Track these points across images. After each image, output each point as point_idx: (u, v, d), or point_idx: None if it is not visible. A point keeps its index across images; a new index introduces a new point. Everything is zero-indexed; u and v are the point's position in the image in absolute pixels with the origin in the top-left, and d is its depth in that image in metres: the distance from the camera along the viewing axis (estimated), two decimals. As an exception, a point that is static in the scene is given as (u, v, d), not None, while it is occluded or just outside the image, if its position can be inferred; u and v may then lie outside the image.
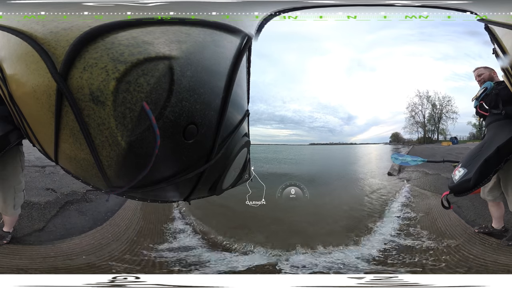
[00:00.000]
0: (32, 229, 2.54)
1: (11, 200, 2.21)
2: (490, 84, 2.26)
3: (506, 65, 1.65)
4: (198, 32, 0.97)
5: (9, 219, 2.27)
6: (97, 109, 0.82)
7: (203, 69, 0.95)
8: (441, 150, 9.57)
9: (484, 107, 2.25)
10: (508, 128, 2.00)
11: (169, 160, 1.00)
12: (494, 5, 1.56)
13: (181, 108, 0.91)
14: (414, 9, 1.66)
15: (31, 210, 2.73)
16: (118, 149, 0.87)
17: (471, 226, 2.68)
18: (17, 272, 1.94)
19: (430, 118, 15.22)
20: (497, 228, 2.44)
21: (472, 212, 2.93)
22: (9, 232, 2.30)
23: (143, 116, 0.84)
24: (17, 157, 2.18)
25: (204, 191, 1.44)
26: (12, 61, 0.98)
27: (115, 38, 0.82)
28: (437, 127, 15.07)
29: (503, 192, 2.26)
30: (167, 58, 0.85)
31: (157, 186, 1.05)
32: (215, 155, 1.18)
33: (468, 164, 1.98)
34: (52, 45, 0.84)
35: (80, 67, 0.81)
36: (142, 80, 0.82)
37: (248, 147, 1.75)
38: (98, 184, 1.06)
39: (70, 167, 1.10)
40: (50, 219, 2.73)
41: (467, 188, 1.92)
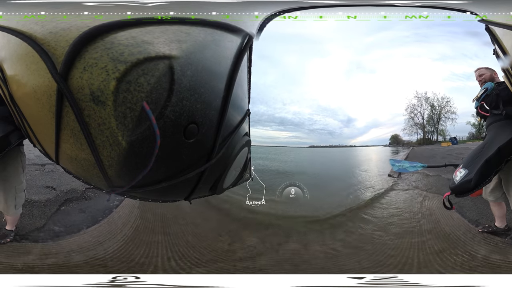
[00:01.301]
0: (34, 227, 2.56)
1: (12, 200, 2.22)
2: (490, 84, 2.26)
3: (507, 66, 1.65)
4: (198, 31, 0.97)
5: (11, 218, 2.30)
6: (98, 109, 0.82)
7: (203, 68, 0.95)
8: (441, 151, 9.56)
9: (484, 108, 2.25)
10: (509, 129, 2.00)
11: (169, 160, 1.00)
12: (494, 5, 1.56)
13: (182, 108, 0.91)
14: (414, 9, 1.66)
15: (31, 208, 2.75)
16: (119, 149, 0.87)
17: (474, 226, 2.68)
18: (22, 270, 1.95)
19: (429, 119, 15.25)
20: (500, 227, 2.45)
21: (474, 212, 2.93)
22: (12, 231, 2.32)
23: (143, 116, 0.84)
24: (18, 157, 2.19)
25: (205, 190, 1.44)
26: (13, 61, 0.98)
27: (114, 38, 0.82)
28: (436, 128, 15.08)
29: (505, 193, 2.26)
30: (167, 58, 0.85)
31: (158, 185, 1.05)
32: (216, 155, 1.18)
33: (469, 165, 1.99)
34: (52, 45, 0.84)
35: (80, 67, 0.81)
36: (143, 80, 0.82)
37: (248, 147, 1.75)
38: (99, 184, 1.06)
39: (71, 167, 1.10)
40: (50, 216, 2.75)
41: (468, 188, 1.93)
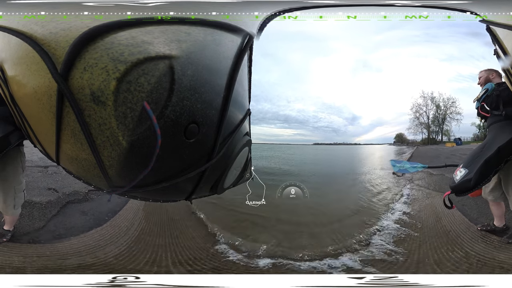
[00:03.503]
0: (32, 228, 2.56)
1: (11, 201, 2.22)
2: (491, 85, 2.27)
3: (507, 66, 1.66)
4: (198, 31, 0.96)
5: (10, 218, 2.30)
6: (98, 109, 0.82)
7: (204, 68, 0.95)
8: (445, 151, 9.58)
9: (485, 109, 2.27)
10: (509, 129, 2.02)
11: (170, 160, 0.99)
12: (494, 5, 1.56)
13: (182, 107, 0.91)
14: (414, 9, 1.66)
15: (32, 209, 2.74)
16: (120, 149, 0.87)
17: (474, 224, 2.70)
18: (14, 271, 1.95)
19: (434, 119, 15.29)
20: (498, 226, 2.48)
21: (475, 210, 2.93)
22: (9, 231, 2.33)
23: (144, 116, 0.84)
24: (17, 158, 2.19)
25: (206, 190, 1.44)
26: (13, 62, 0.98)
27: (114, 38, 0.81)
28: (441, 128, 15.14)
29: (504, 192, 2.27)
30: (167, 58, 0.85)
31: (158, 185, 1.05)
32: (217, 154, 1.18)
33: (469, 165, 2.01)
34: (52, 45, 0.84)
35: (80, 67, 0.81)
36: (143, 80, 0.82)
37: (249, 146, 1.75)
38: (99, 184, 1.06)
39: (71, 168, 1.10)
40: (50, 218, 2.74)
41: (468, 188, 1.95)
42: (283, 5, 1.44)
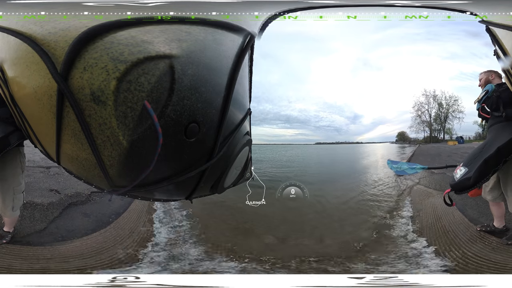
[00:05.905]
0: (33, 230, 2.53)
1: (10, 202, 2.20)
2: (491, 86, 2.29)
3: (507, 67, 1.66)
4: (198, 30, 0.96)
5: (9, 220, 2.28)
6: (98, 109, 0.82)
7: (204, 67, 0.95)
8: (447, 150, 9.56)
9: (485, 110, 2.28)
10: (509, 130, 2.04)
11: (170, 159, 0.99)
12: (493, 5, 1.56)
13: (183, 107, 0.91)
14: (414, 9, 1.66)
15: (33, 211, 2.71)
16: (120, 149, 0.87)
17: (473, 224, 2.70)
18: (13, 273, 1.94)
19: (436, 117, 15.27)
20: (498, 227, 2.48)
21: (475, 210, 2.93)
22: (9, 232, 2.31)
23: (144, 115, 0.84)
24: (17, 158, 2.18)
25: (206, 189, 1.44)
26: (13, 62, 0.98)
27: (114, 37, 0.81)
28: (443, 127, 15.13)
29: (503, 193, 2.28)
30: (167, 57, 0.85)
31: (159, 185, 1.05)
32: (217, 154, 1.18)
33: (469, 164, 2.03)
34: (52, 45, 0.84)
35: (80, 67, 0.81)
36: (143, 79, 0.82)
37: (249, 146, 1.75)
38: (100, 184, 1.06)
39: (72, 168, 1.10)
40: (52, 220, 2.71)
41: (467, 186, 1.98)
42: (283, 5, 1.44)
